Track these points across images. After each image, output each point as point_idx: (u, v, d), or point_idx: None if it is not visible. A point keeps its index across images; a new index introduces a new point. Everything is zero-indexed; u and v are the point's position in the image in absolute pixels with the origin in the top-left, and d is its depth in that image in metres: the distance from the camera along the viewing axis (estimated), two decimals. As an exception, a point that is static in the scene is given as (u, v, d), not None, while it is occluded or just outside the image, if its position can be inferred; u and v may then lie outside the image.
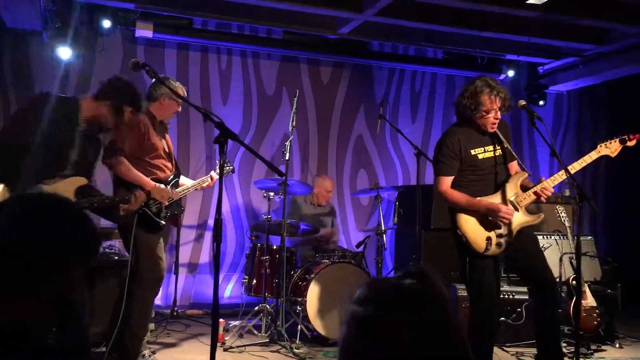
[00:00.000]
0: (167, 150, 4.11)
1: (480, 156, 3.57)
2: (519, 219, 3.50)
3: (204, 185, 4.30)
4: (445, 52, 6.96)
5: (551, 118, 7.67)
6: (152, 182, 3.82)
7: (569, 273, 4.95)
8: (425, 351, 1.00)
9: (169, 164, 4.08)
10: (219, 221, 2.37)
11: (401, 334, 1.01)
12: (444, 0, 5.33)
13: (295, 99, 4.96)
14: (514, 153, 3.65)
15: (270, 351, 4.45)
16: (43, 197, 1.33)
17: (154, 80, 4.05)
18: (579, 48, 6.44)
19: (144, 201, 3.62)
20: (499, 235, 3.46)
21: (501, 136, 3.62)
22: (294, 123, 4.93)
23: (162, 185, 3.90)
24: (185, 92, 4.01)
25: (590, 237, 5.63)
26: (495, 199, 3.52)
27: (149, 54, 6.16)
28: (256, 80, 6.63)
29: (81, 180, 3.33)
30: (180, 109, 4.20)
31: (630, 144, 3.62)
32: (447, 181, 3.57)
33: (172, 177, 4.06)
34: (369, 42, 6.73)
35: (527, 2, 5.28)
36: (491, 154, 3.60)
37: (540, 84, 7.23)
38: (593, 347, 4.78)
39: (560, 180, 3.51)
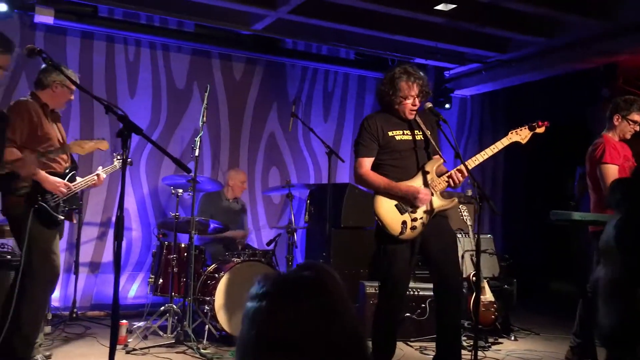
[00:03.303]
0: (61, 140, 3.88)
1: (397, 137, 3.59)
2: (434, 203, 3.55)
3: (90, 184, 3.96)
4: (357, 53, 7.08)
5: (455, 121, 8.00)
6: (42, 172, 3.60)
7: (469, 269, 5.19)
8: (315, 337, 1.02)
9: (64, 156, 3.85)
10: (120, 218, 2.26)
11: (289, 323, 1.04)
12: (356, 2, 5.42)
13: (207, 93, 4.85)
14: (435, 145, 3.65)
15: (176, 352, 4.32)
16: None
17: (43, 66, 3.82)
18: (482, 55, 6.77)
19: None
20: (414, 219, 3.49)
21: (422, 125, 3.65)
22: (205, 119, 4.82)
23: (58, 179, 3.70)
24: (78, 80, 3.77)
25: (489, 235, 5.92)
26: (413, 183, 3.55)
27: (49, 41, 5.82)
28: (166, 73, 6.42)
29: None
30: (72, 97, 3.97)
31: (540, 130, 3.74)
32: (366, 163, 3.59)
33: (68, 169, 3.84)
34: (283, 39, 6.71)
35: (435, 7, 5.48)
36: (409, 137, 3.62)
37: (446, 87, 7.53)
38: (491, 339, 5.03)
39: (474, 165, 3.57)
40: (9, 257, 4.27)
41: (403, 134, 3.62)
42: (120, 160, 4.41)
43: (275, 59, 6.89)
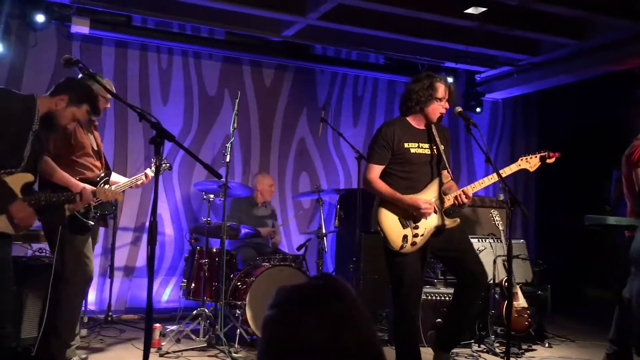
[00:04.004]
0: (95, 148, 3.97)
1: (412, 150, 3.65)
2: (437, 221, 3.61)
3: (138, 183, 4.17)
4: (386, 57, 7.08)
5: (487, 125, 7.92)
6: (80, 183, 3.64)
7: (502, 275, 5.11)
8: (325, 343, 1.03)
9: (97, 163, 3.94)
10: (153, 224, 2.31)
11: (298, 329, 1.05)
12: (385, 7, 5.42)
13: (237, 100, 4.91)
14: (446, 161, 3.70)
15: (208, 356, 4.38)
16: None
17: (80, 76, 3.93)
18: (513, 58, 6.69)
19: (90, 199, 3.50)
20: (415, 235, 3.55)
21: (437, 138, 3.70)
22: (236, 125, 4.88)
23: (89, 186, 3.76)
24: (114, 89, 3.88)
25: (522, 240, 5.83)
26: (420, 197, 3.60)
27: (85, 50, 5.97)
28: (198, 80, 6.53)
29: (29, 177, 3.23)
30: (109, 105, 4.08)
31: (549, 161, 3.78)
32: (375, 169, 3.66)
33: (101, 176, 3.94)
34: (312, 45, 6.75)
35: (465, 11, 5.45)
36: (426, 151, 3.67)
37: (477, 91, 7.47)
38: (524, 346, 4.96)
39: (479, 187, 3.66)
40: (46, 261, 4.39)
41: (418, 146, 3.67)
42: (167, 163, 4.56)
43: (304, 65, 6.94)
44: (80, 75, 3.93)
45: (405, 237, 3.53)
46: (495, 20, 5.69)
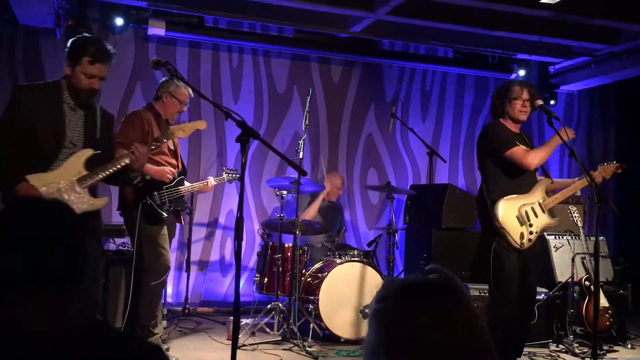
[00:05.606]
0: (171, 148, 4.16)
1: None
2: (544, 220, 3.78)
3: (201, 188, 4.39)
4: (455, 51, 6.95)
5: (561, 118, 7.59)
6: (153, 165, 3.91)
7: (581, 273, 4.95)
8: (442, 340, 1.02)
9: (173, 161, 4.15)
10: (240, 220, 2.38)
11: (416, 324, 1.04)
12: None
13: (309, 97, 4.96)
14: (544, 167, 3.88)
15: (283, 349, 4.46)
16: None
17: (162, 80, 4.15)
18: (591, 48, 6.42)
19: (145, 152, 3.31)
20: (531, 232, 3.69)
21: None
22: (307, 122, 4.93)
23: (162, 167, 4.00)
24: (192, 94, 4.10)
25: (602, 237, 5.61)
26: (526, 200, 3.74)
27: (161, 52, 6.17)
28: (267, 78, 6.63)
29: (86, 152, 3.11)
30: (184, 109, 4.25)
31: (617, 171, 4.11)
32: (517, 151, 3.70)
33: (177, 174, 4.12)
34: (380, 40, 6.72)
35: (541, 1, 5.28)
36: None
37: (551, 83, 7.23)
38: (605, 347, 4.78)
39: (582, 186, 3.93)
40: (129, 254, 4.59)
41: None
42: (229, 174, 4.73)
43: (372, 60, 6.92)
44: (163, 78, 4.13)
45: (522, 234, 3.66)
46: (573, 9, 5.47)
